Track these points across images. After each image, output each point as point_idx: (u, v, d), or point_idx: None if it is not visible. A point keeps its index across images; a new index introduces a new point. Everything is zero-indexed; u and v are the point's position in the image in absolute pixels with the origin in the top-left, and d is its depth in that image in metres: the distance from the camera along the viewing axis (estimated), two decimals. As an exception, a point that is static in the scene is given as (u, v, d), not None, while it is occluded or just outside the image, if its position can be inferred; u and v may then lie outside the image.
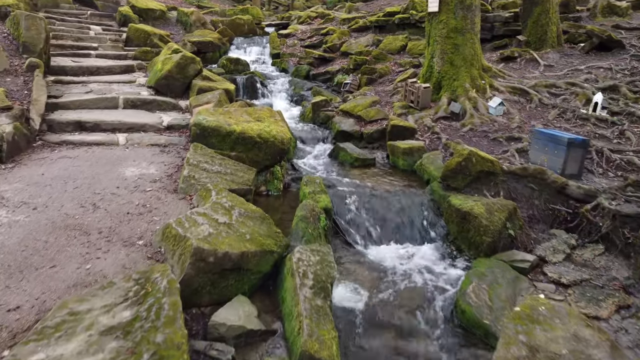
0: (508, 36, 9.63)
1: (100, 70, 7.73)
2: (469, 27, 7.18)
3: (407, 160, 5.81)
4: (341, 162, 6.13)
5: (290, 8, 21.23)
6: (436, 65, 7.36)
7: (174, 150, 4.98)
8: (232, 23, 13.24)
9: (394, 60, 9.73)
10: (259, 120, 4.89)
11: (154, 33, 10.01)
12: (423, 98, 7.03)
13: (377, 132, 6.87)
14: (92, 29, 10.30)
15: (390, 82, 8.83)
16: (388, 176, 5.54)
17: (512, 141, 5.81)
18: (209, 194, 3.58)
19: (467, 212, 4.08)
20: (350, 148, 6.17)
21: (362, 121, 7.31)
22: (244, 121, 4.76)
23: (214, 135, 4.52)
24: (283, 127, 4.82)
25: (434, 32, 7.40)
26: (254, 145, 4.56)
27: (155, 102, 6.43)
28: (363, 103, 7.64)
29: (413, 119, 6.86)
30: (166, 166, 4.45)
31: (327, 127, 7.62)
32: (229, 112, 4.90)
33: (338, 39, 11.39)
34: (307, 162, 6.12)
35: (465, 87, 7.06)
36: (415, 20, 10.66)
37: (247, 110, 5.04)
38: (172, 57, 7.03)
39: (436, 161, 5.33)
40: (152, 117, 5.89)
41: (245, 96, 9.42)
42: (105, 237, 3.09)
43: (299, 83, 9.99)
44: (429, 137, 6.36)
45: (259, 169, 4.65)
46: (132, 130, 5.51)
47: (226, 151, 4.53)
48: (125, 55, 8.90)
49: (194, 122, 4.53)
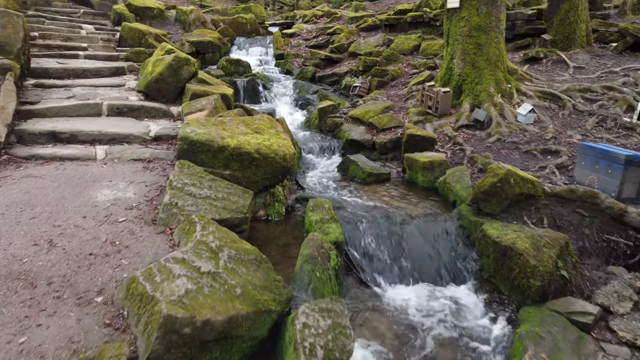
0: (531, 35, 8.88)
1: (87, 73, 7.07)
2: (493, 25, 6.45)
3: (427, 177, 5.09)
4: (351, 177, 5.42)
5: (295, 8, 20.55)
6: (456, 67, 6.64)
7: (159, 167, 4.29)
8: (233, 22, 12.57)
9: (406, 61, 9.00)
10: (258, 132, 4.19)
11: (149, 32, 9.35)
12: (443, 104, 6.31)
13: (391, 142, 6.17)
14: (84, 28, 9.66)
15: (403, 85, 8.11)
16: (406, 195, 4.82)
17: (548, 155, 5.08)
18: (193, 228, 2.89)
19: (508, 247, 3.36)
20: (362, 161, 5.46)
21: (373, 129, 6.60)
22: (240, 133, 4.07)
23: (204, 151, 3.83)
24: (286, 140, 4.12)
25: (454, 31, 6.68)
26: (252, 162, 3.86)
27: (144, 109, 5.75)
28: (375, 109, 6.93)
29: (432, 128, 6.14)
30: (147, 187, 3.76)
31: (334, 135, 6.92)
32: (223, 123, 4.21)
33: (346, 38, 10.69)
34: (313, 178, 5.42)
35: (489, 91, 6.33)
36: (429, 18, 9.93)
37: (244, 120, 4.34)
38: (164, 59, 6.35)
39: (463, 179, 4.61)
40: (139, 126, 5.21)
41: (246, 100, 8.75)
42: (56, 291, 2.40)
43: (303, 86, 9.30)
44: (451, 149, 5.63)
45: (257, 190, 3.96)
46: (114, 141, 4.83)
47: (218, 169, 3.84)
48: (117, 56, 8.24)
49: (181, 136, 3.85)
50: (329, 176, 5.50)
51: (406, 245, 3.89)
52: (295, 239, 3.72)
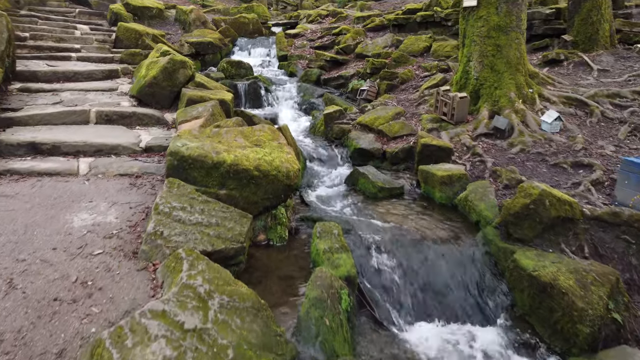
0: (549, 36, 8.38)
1: (78, 76, 6.63)
2: (513, 25, 5.96)
3: (445, 192, 4.61)
4: (361, 191, 4.95)
5: (299, 8, 20.08)
6: (473, 71, 6.15)
7: (148, 183, 3.84)
8: (235, 22, 12.12)
9: (417, 63, 8.52)
10: (258, 144, 3.73)
11: (146, 33, 8.92)
12: (459, 110, 5.83)
13: (403, 152, 5.69)
14: (78, 28, 9.25)
15: (414, 89, 7.63)
16: (423, 214, 4.35)
17: (579, 169, 4.59)
18: (179, 266, 2.43)
19: (548, 284, 2.88)
20: (372, 174, 4.99)
21: (384, 137, 6.13)
22: (238, 147, 3.61)
23: (197, 168, 3.38)
24: (289, 154, 3.66)
25: (470, 31, 6.19)
26: (250, 180, 3.40)
27: (135, 116, 5.31)
28: (385, 115, 6.45)
29: (447, 136, 5.66)
30: (131, 210, 3.31)
31: (342, 142, 6.45)
32: (219, 135, 3.75)
33: (352, 39, 10.22)
34: (319, 192, 4.95)
35: (509, 97, 5.84)
36: (440, 18, 9.44)
37: (242, 132, 3.88)
38: (158, 61, 5.91)
39: (487, 196, 4.13)
40: (128, 136, 4.76)
41: (248, 104, 8.30)
42: (5, 353, 1.95)
43: (308, 89, 8.84)
44: (470, 160, 5.15)
45: (257, 212, 3.50)
46: (100, 153, 4.38)
47: (213, 189, 3.38)
48: (112, 58, 7.81)
49: (171, 150, 3.39)
50: (336, 190, 5.03)
51: (425, 275, 3.42)
52: (300, 270, 3.26)
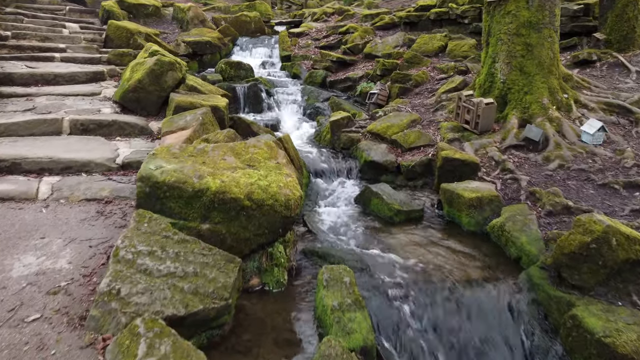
0: (577, 34, 7.64)
1: (58, 79, 6.00)
2: (546, 21, 5.25)
3: (474, 217, 3.91)
4: (374, 214, 4.27)
5: (304, 7, 19.42)
6: (499, 73, 5.44)
7: (119, 212, 3.17)
8: (236, 21, 11.46)
9: (431, 64, 7.82)
10: (252, 165, 3.05)
11: (138, 32, 8.28)
12: (485, 118, 5.12)
13: (420, 165, 5.00)
14: (67, 26, 8.63)
15: (430, 92, 6.93)
16: (449, 245, 3.65)
17: (635, 190, 3.87)
18: (134, 346, 1.77)
19: (629, 357, 2.18)
20: (387, 194, 4.30)
21: (398, 148, 5.44)
22: (227, 168, 2.93)
23: (174, 197, 2.71)
24: (289, 177, 2.98)
25: (496, 28, 5.48)
26: (240, 212, 2.73)
27: (116, 125, 4.65)
28: (399, 123, 5.76)
29: (472, 148, 4.96)
30: (92, 249, 2.65)
31: (350, 153, 5.77)
32: (204, 153, 3.08)
33: (360, 38, 9.53)
34: (325, 215, 4.27)
35: (542, 103, 5.13)
36: (456, 15, 8.73)
37: (233, 148, 3.21)
38: (144, 63, 5.25)
39: (528, 226, 3.42)
40: (105, 149, 4.11)
41: (247, 109, 7.64)
42: None
43: (313, 92, 8.15)
44: (500, 177, 4.45)
45: (249, 250, 2.82)
46: (69, 171, 3.73)
47: (193, 222, 2.71)
48: (99, 58, 7.17)
49: (141, 175, 2.72)
50: (346, 212, 4.35)
51: (459, 332, 2.73)
52: (302, 328, 2.57)
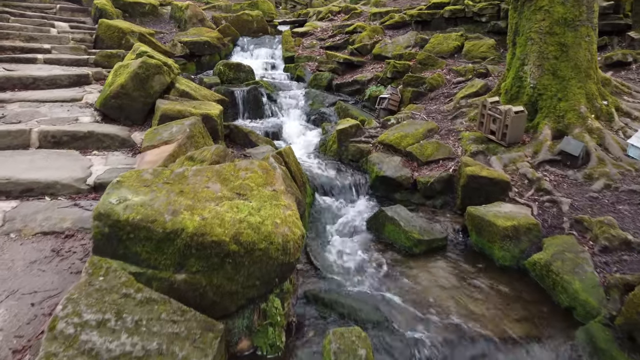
0: (607, 33, 6.98)
1: (38, 83, 5.44)
2: (584, 17, 4.61)
3: (509, 250, 3.28)
4: (389, 243, 3.66)
5: (309, 6, 18.83)
6: (529, 77, 4.81)
7: (80, 249, 2.58)
8: (237, 20, 10.89)
9: (447, 66, 7.19)
10: (242, 194, 2.46)
11: (131, 31, 7.71)
12: (513, 128, 4.49)
13: (440, 182, 4.38)
14: (56, 26, 8.08)
15: (446, 97, 6.30)
16: (480, 285, 3.03)
17: None
18: None
19: None
20: (405, 219, 3.68)
21: (413, 161, 4.82)
22: (211, 199, 2.34)
23: (140, 240, 2.11)
24: (288, 209, 2.37)
25: (526, 26, 4.85)
26: (225, 259, 2.13)
27: (93, 137, 4.07)
28: (414, 132, 5.14)
29: (500, 163, 4.33)
30: (33, 309, 2.06)
31: (359, 166, 5.16)
32: (183, 179, 2.48)
33: (369, 38, 8.91)
34: (333, 244, 3.66)
35: (579, 111, 4.50)
36: (473, 12, 8.09)
37: (220, 173, 2.61)
38: (128, 65, 4.68)
39: (581, 268, 2.80)
40: (75, 167, 3.53)
41: (246, 114, 7.05)
42: None
43: (318, 96, 7.55)
44: (536, 199, 3.82)
45: (236, 307, 2.23)
46: (29, 195, 3.15)
47: (165, 272, 2.12)
48: (86, 60, 6.61)
49: (98, 212, 2.13)
50: (356, 240, 3.74)
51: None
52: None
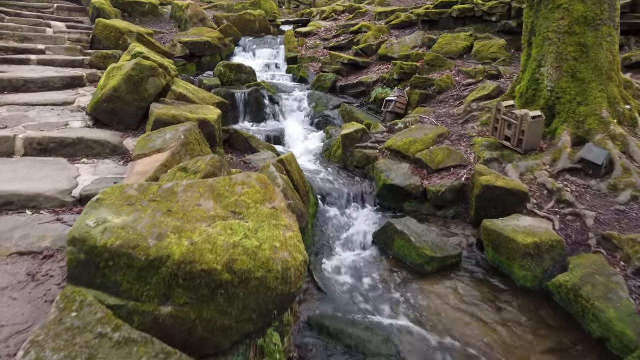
0: (624, 32, 6.66)
1: (29, 85, 5.20)
2: (605, 16, 4.33)
3: (530, 269, 3.01)
4: (399, 260, 3.39)
5: (313, 6, 18.57)
6: (546, 79, 4.53)
7: (58, 273, 2.32)
8: (239, 19, 10.64)
9: (456, 67, 6.91)
10: (237, 212, 2.19)
11: (129, 31, 7.48)
12: (530, 134, 4.21)
13: (451, 191, 4.11)
14: (52, 26, 7.86)
15: (456, 100, 6.03)
16: (499, 308, 2.76)
17: None
18: None
19: None
20: (415, 233, 3.41)
21: (423, 168, 4.55)
22: (202, 218, 2.08)
23: (121, 268, 1.86)
24: (289, 230, 2.11)
25: (543, 25, 4.57)
26: (217, 290, 1.87)
27: (82, 144, 3.82)
28: (423, 137, 4.87)
29: (516, 172, 4.06)
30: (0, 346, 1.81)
31: (365, 173, 4.89)
32: (172, 195, 2.23)
33: (374, 38, 8.64)
34: (337, 262, 3.39)
35: (601, 115, 4.21)
36: (482, 11, 7.80)
37: (213, 187, 2.35)
38: (121, 67, 4.43)
39: (615, 294, 2.52)
40: (60, 177, 3.28)
41: (247, 117, 6.80)
42: None
43: (321, 98, 7.29)
44: (557, 212, 3.54)
45: (229, 343, 1.96)
46: (8, 208, 2.90)
47: (149, 304, 1.86)
48: (81, 61, 6.38)
49: (72, 236, 1.87)
50: (362, 256, 3.47)
51: None
52: None
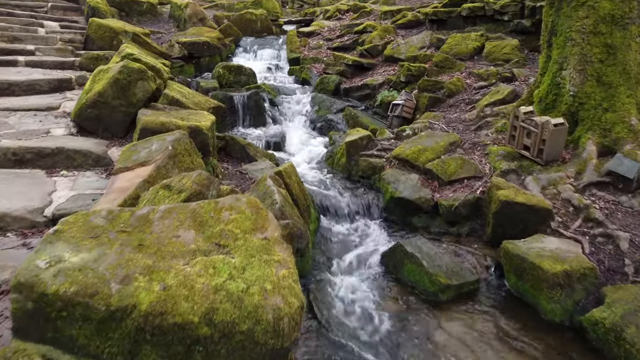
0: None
1: (14, 88, 4.89)
2: (635, 15, 3.96)
3: (559, 302, 2.65)
4: (409, 285, 3.04)
5: (317, 5, 18.23)
6: (569, 84, 4.16)
7: (14, 313, 2.00)
8: (240, 19, 10.32)
9: (466, 69, 6.54)
10: (222, 245, 1.85)
11: (124, 31, 7.16)
12: (552, 143, 3.84)
13: (465, 206, 3.76)
14: (45, 25, 7.56)
15: (467, 104, 5.66)
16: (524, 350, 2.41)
17: None
18: None
19: None
20: (428, 257, 3.06)
21: (434, 180, 4.19)
22: (179, 254, 1.74)
23: (77, 320, 1.53)
24: (283, 267, 1.77)
25: (565, 24, 4.20)
26: (193, 346, 1.54)
27: (63, 154, 3.50)
28: (433, 146, 4.51)
29: (537, 185, 3.69)
30: None
31: (372, 184, 4.54)
32: (146, 224, 1.89)
33: (379, 38, 8.28)
34: (340, 289, 3.04)
35: (630, 124, 3.84)
36: (494, 10, 7.42)
37: (196, 213, 2.01)
38: (108, 70, 4.10)
39: (664, 337, 2.17)
40: (34, 192, 2.96)
41: (246, 122, 6.47)
42: None
43: (324, 101, 6.95)
44: (585, 232, 3.18)
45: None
46: (-30, 231, 2.58)
47: (111, 363, 1.53)
48: (72, 62, 6.07)
49: (17, 281, 1.53)
50: (369, 281, 3.12)
51: None
52: None
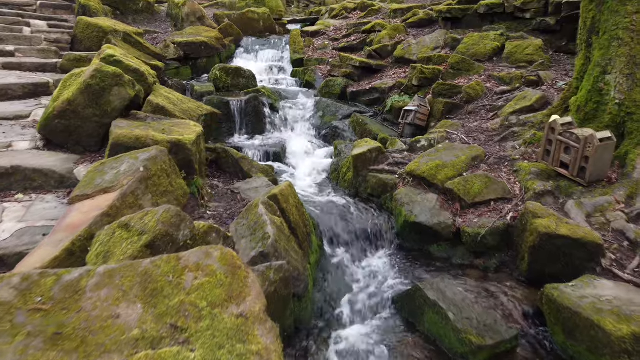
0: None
1: (-17, 94, 4.41)
2: (695, 9, 3.36)
3: (628, 374, 2.08)
4: (431, 339, 2.47)
5: (323, 5, 17.68)
6: (614, 90, 3.56)
7: None
8: (241, 18, 9.79)
9: (486, 71, 5.95)
10: (180, 329, 1.30)
11: (114, 31, 6.65)
12: (597, 162, 3.25)
13: (493, 235, 3.19)
14: (32, 24, 7.08)
15: (489, 111, 5.07)
16: None
17: None
18: None
19: None
20: (454, 306, 2.48)
21: (455, 201, 3.61)
22: (113, 349, 1.19)
23: None
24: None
25: (610, 21, 3.61)
26: None
27: (20, 174, 2.98)
28: (454, 161, 3.93)
29: (581, 212, 3.10)
30: None
31: (382, 204, 3.98)
32: (74, 297, 1.30)
33: (389, 38, 7.71)
34: (346, 342, 2.48)
35: (690, 138, 3.25)
36: (514, 7, 6.81)
37: (148, 277, 1.45)
38: (80, 75, 3.58)
39: None
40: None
41: (244, 129, 5.93)
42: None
43: (330, 106, 6.39)
44: (648, 276, 2.60)
45: None
46: None
47: None
48: (54, 64, 5.58)
49: None
50: (381, 333, 2.55)
51: None
52: None
